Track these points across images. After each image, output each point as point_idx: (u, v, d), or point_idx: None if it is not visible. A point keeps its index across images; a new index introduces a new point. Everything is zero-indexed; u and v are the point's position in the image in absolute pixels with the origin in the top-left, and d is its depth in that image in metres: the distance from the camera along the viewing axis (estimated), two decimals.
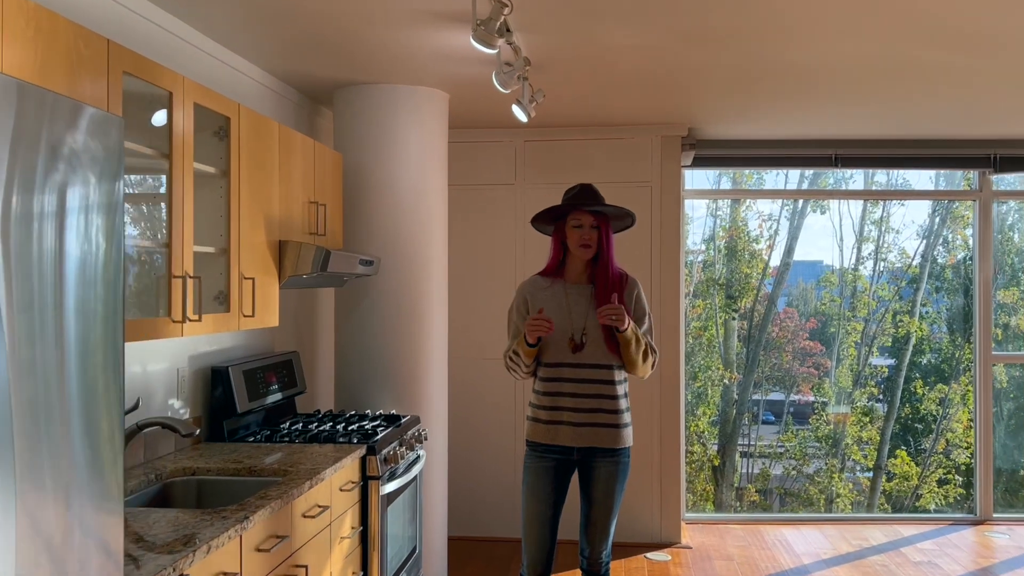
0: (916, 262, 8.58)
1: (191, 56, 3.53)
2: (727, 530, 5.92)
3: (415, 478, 4.05)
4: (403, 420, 4.09)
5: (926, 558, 5.30)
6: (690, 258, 8.29)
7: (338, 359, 4.56)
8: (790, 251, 8.80)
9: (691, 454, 8.10)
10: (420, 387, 4.50)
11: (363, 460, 3.52)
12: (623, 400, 3.27)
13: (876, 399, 8.69)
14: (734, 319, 8.78)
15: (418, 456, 4.08)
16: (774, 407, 9.13)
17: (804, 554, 5.39)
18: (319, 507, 3.02)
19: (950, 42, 3.67)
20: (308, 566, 2.90)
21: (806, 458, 8.69)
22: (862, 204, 8.61)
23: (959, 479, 8.06)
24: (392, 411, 4.37)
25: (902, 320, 8.61)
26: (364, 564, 3.52)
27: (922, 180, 7.59)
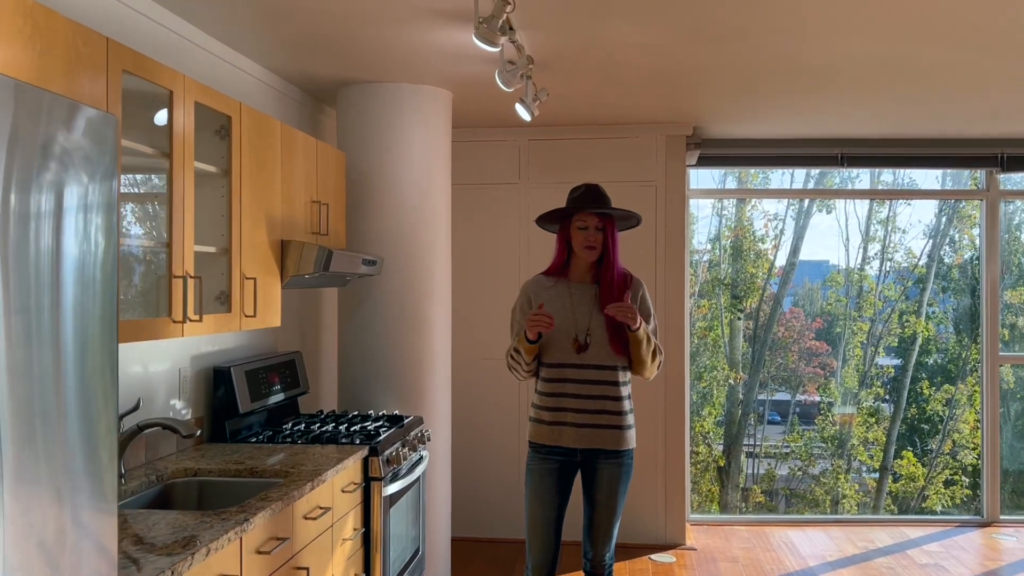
0: (923, 262, 8.54)
1: (193, 55, 3.51)
2: (732, 531, 5.89)
3: (418, 479, 4.03)
4: (406, 421, 4.07)
5: (932, 560, 5.27)
6: (695, 258, 8.25)
7: (341, 359, 4.55)
8: (796, 251, 8.77)
9: (696, 455, 8.06)
10: (423, 387, 4.48)
11: (365, 461, 3.50)
12: (627, 401, 3.25)
13: (882, 399, 8.65)
14: (739, 319, 8.74)
15: (421, 457, 4.06)
16: (780, 407, 9.09)
17: (809, 556, 5.35)
18: (320, 509, 3.00)
19: (958, 41, 3.64)
20: (309, 568, 2.88)
21: (812, 459, 8.66)
22: (868, 204, 8.57)
23: (966, 480, 8.02)
24: (395, 412, 4.35)
25: (908, 320, 8.57)
26: (367, 566, 3.50)
27: (929, 180, 7.55)
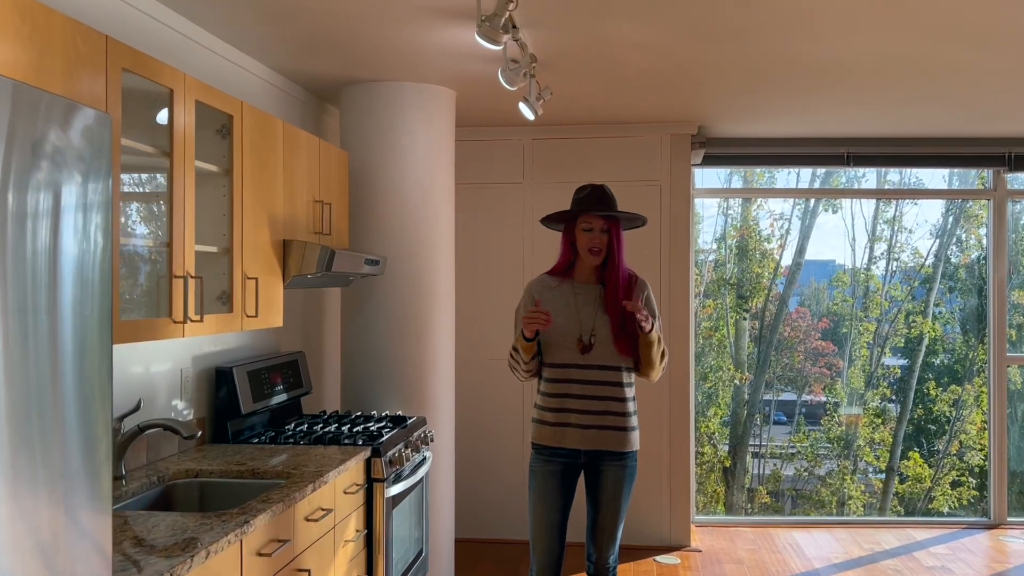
0: (929, 262, 8.50)
1: (195, 54, 3.50)
2: (737, 533, 5.86)
3: (421, 480, 4.01)
4: (409, 422, 4.05)
5: (939, 563, 5.23)
6: (700, 257, 8.23)
7: (344, 359, 4.53)
8: (802, 250, 8.74)
9: (701, 455, 8.04)
10: (427, 388, 4.46)
11: (368, 462, 3.48)
12: (631, 403, 3.22)
13: (888, 400, 8.61)
14: (745, 319, 8.72)
15: (424, 458, 4.04)
16: (786, 407, 9.06)
17: (815, 558, 5.32)
18: (322, 510, 2.98)
19: (965, 39, 3.61)
20: (311, 570, 2.86)
21: (818, 459, 8.63)
22: (875, 203, 8.53)
23: (972, 481, 7.98)
24: (398, 412, 4.33)
25: (915, 320, 8.53)
26: (369, 567, 3.48)
27: (935, 179, 7.52)
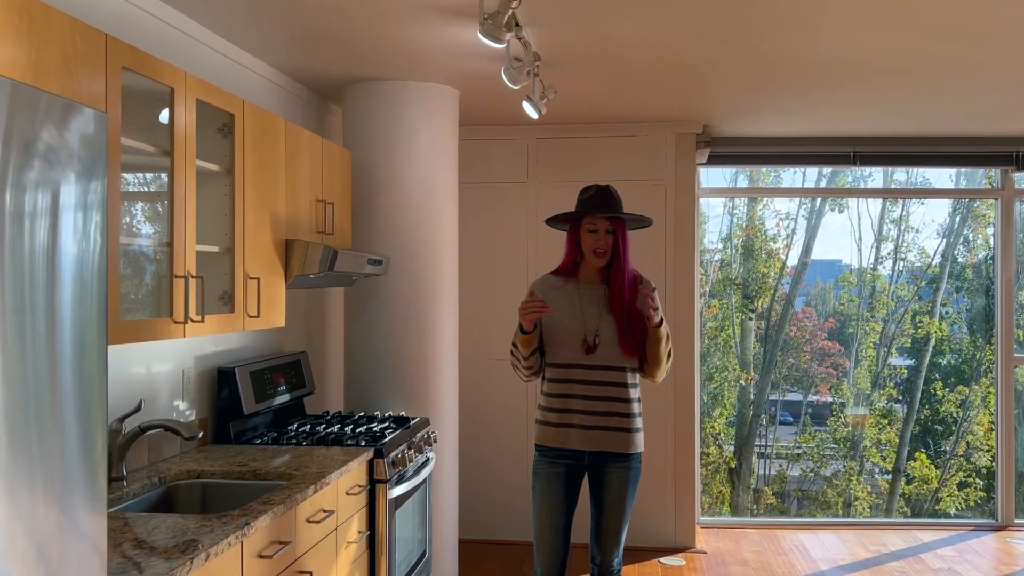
0: (936, 262, 8.45)
1: (196, 52, 3.48)
2: (743, 534, 5.83)
3: (425, 481, 3.98)
4: (412, 422, 4.03)
5: (946, 565, 5.20)
6: (706, 257, 8.19)
7: (347, 360, 4.51)
8: (808, 250, 8.69)
9: (707, 456, 8.00)
10: (430, 388, 4.44)
11: (371, 463, 3.46)
12: (636, 404, 3.20)
13: (895, 400, 8.57)
14: (751, 319, 8.68)
15: (427, 459, 4.02)
16: (792, 408, 9.02)
17: (821, 560, 5.29)
18: (324, 512, 2.96)
19: (972, 37, 3.58)
20: (312, 572, 2.84)
21: (824, 460, 8.58)
22: (881, 203, 8.48)
23: (979, 483, 7.93)
24: (401, 413, 4.31)
25: (922, 321, 8.48)
26: (372, 569, 3.46)
27: (942, 179, 7.47)
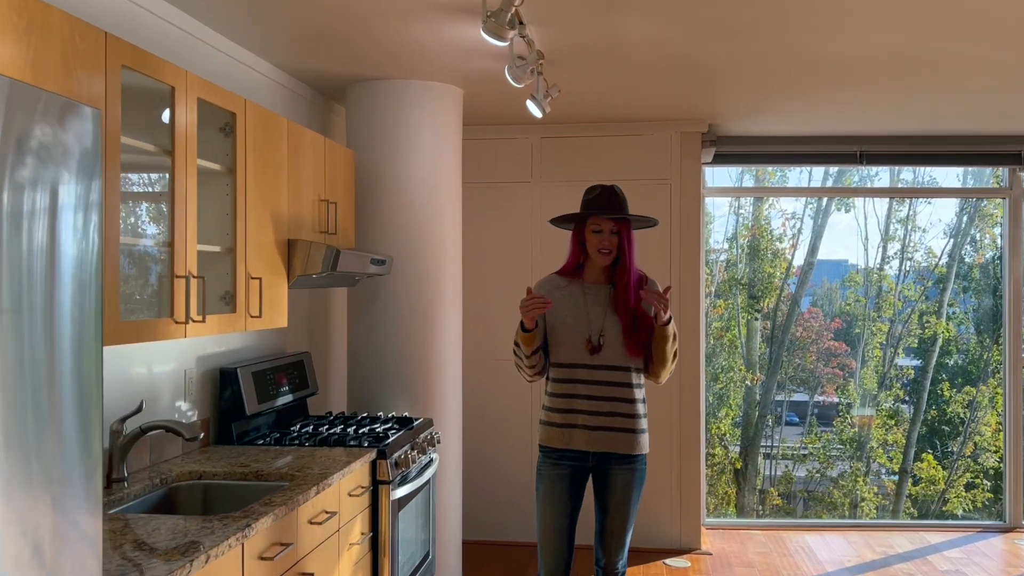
0: (943, 261, 8.42)
1: (197, 51, 3.46)
2: (749, 536, 5.80)
3: (428, 482, 3.97)
4: (415, 423, 4.01)
5: (953, 567, 5.16)
6: (712, 257, 8.17)
7: (351, 360, 4.49)
8: (814, 250, 8.67)
9: (712, 457, 7.98)
10: (433, 389, 4.42)
11: (374, 464, 3.44)
12: (640, 405, 3.18)
13: (902, 401, 8.53)
14: (757, 319, 8.65)
15: (431, 459, 4.00)
16: (798, 408, 9.00)
17: (827, 561, 5.26)
18: (326, 513, 2.95)
19: (979, 35, 3.55)
20: (314, 574, 2.82)
21: (830, 461, 8.56)
22: (888, 202, 8.45)
23: (987, 484, 7.90)
24: (405, 413, 4.29)
25: (928, 321, 8.45)
26: (375, 570, 3.44)
27: (949, 178, 7.45)
